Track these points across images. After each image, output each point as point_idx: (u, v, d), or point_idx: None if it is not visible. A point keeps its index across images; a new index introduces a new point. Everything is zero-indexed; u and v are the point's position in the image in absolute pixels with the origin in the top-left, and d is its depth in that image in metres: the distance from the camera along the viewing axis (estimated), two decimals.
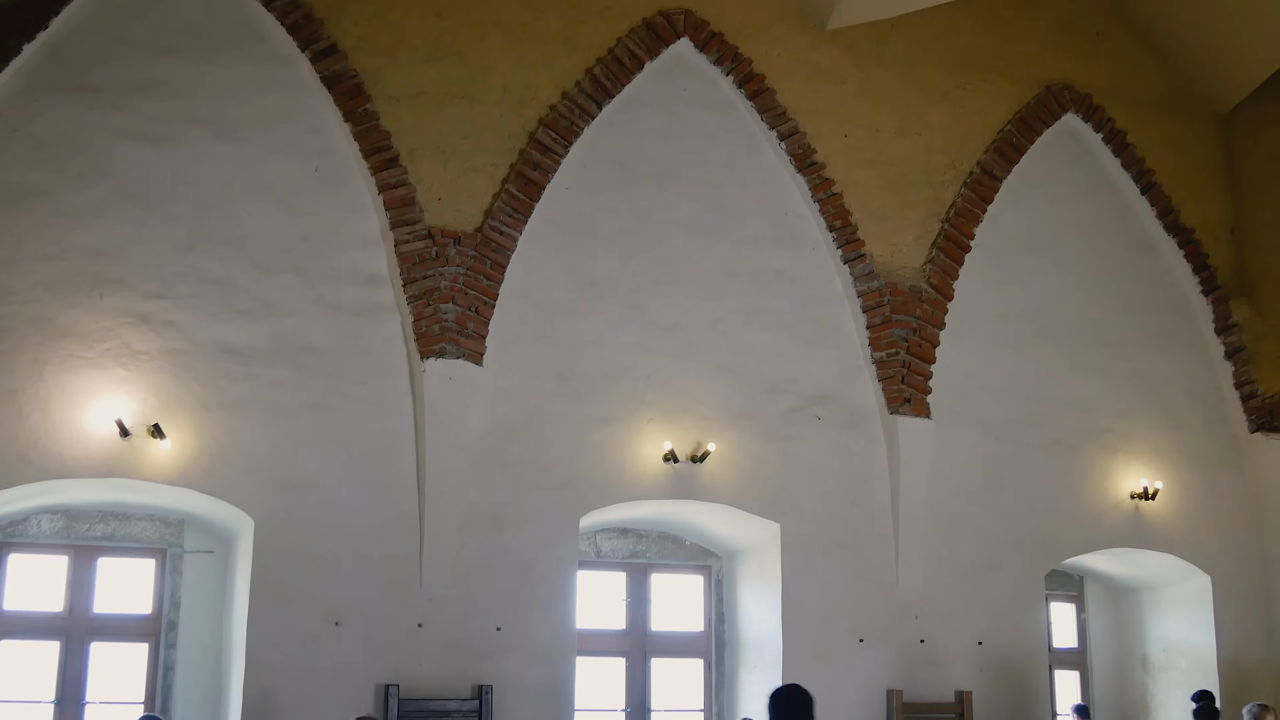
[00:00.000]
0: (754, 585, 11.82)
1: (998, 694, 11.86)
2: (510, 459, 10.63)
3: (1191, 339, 13.55)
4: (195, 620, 10.75)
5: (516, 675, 10.36)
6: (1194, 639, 13.28)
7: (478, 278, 10.57)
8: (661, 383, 11.25)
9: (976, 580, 12.03)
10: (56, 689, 10.47)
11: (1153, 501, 12.88)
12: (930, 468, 11.90)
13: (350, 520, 10.13)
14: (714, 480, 11.25)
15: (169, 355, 9.94)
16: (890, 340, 11.90)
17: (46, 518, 10.63)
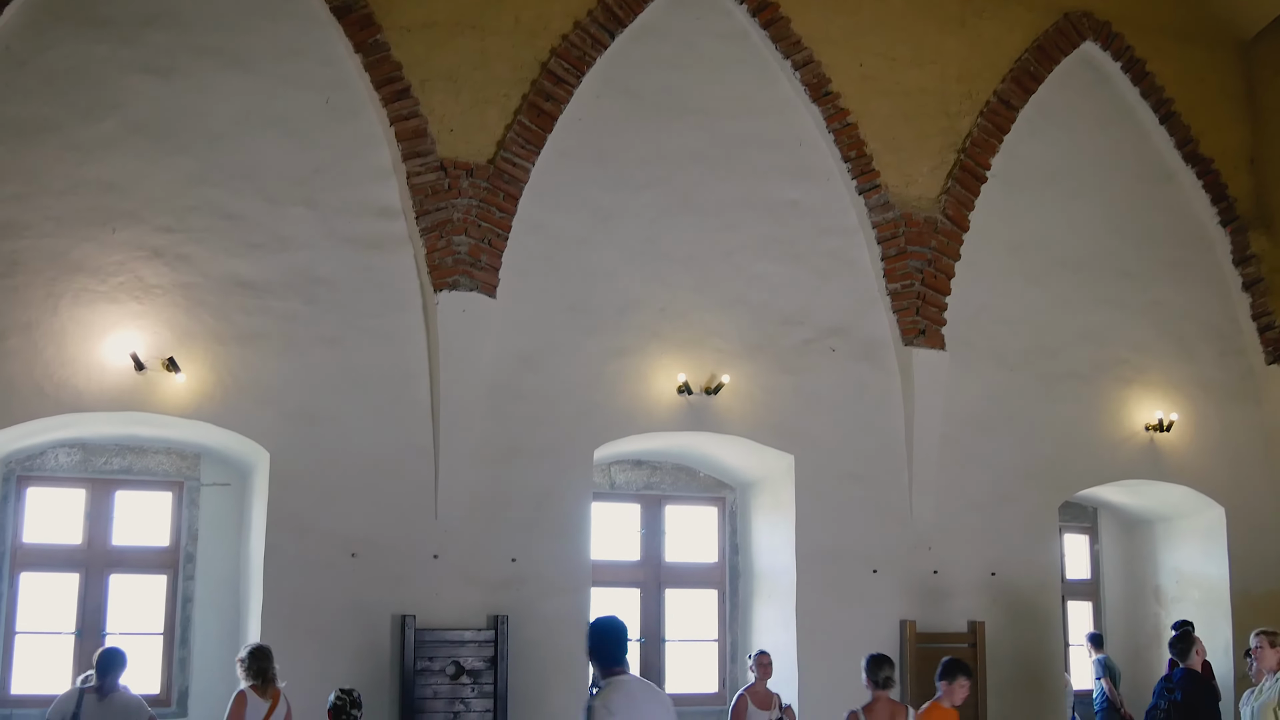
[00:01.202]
0: (768, 517, 11.86)
1: (1010, 624, 11.92)
2: (524, 391, 10.64)
3: (1209, 270, 13.47)
4: (213, 552, 10.84)
5: (532, 606, 10.44)
6: (1207, 570, 13.31)
7: (490, 210, 10.52)
8: (675, 314, 11.23)
9: (990, 512, 12.05)
10: (77, 620, 10.59)
11: (1167, 433, 12.86)
12: (944, 400, 11.89)
13: (365, 452, 10.17)
14: (728, 412, 11.25)
15: (182, 289, 9.93)
16: (905, 272, 11.84)
17: (64, 451, 10.70)
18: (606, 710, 5.89)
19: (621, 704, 5.95)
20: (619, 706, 5.93)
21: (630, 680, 6.13)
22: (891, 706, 8.05)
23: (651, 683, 6.54)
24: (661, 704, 6.20)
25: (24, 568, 10.55)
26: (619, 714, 5.88)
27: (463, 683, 10.13)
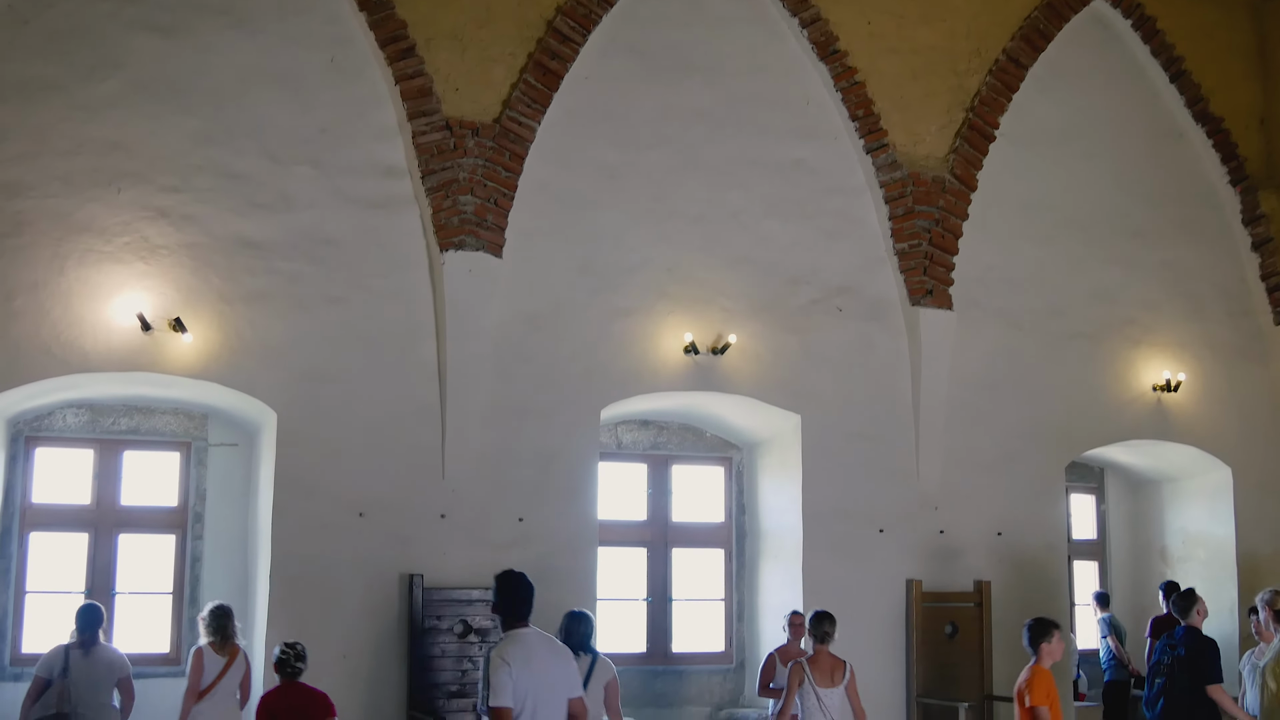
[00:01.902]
0: (774, 476, 11.87)
1: (1016, 584, 11.94)
2: (531, 351, 10.63)
3: (1218, 230, 13.41)
4: (221, 512, 10.88)
5: (539, 565, 10.39)
6: (1213, 531, 13.32)
7: (496, 169, 10.47)
8: (682, 274, 11.20)
9: (996, 471, 12.06)
10: (86, 580, 10.65)
11: (1175, 393, 12.84)
12: (951, 359, 11.87)
13: (372, 412, 10.18)
14: (735, 372, 11.24)
15: (188, 249, 9.92)
16: (912, 231, 11.80)
17: (71, 412, 10.72)
18: (503, 661, 6.09)
19: (518, 656, 6.14)
20: (515, 658, 6.12)
21: (530, 634, 6.32)
22: (832, 659, 8.74)
23: (553, 637, 6.70)
24: (560, 658, 6.40)
25: (33, 528, 10.60)
26: (515, 665, 6.08)
27: (470, 641, 10.17)
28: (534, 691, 6.11)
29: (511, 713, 6.03)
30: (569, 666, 6.40)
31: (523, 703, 6.07)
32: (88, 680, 8.62)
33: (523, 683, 6.08)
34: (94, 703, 8.61)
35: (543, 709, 6.13)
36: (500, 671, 6.05)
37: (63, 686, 8.51)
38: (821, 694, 8.56)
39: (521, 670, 6.09)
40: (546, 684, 6.18)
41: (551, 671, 6.25)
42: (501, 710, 6.01)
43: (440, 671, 10.06)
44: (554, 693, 6.22)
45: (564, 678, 6.33)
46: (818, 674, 8.65)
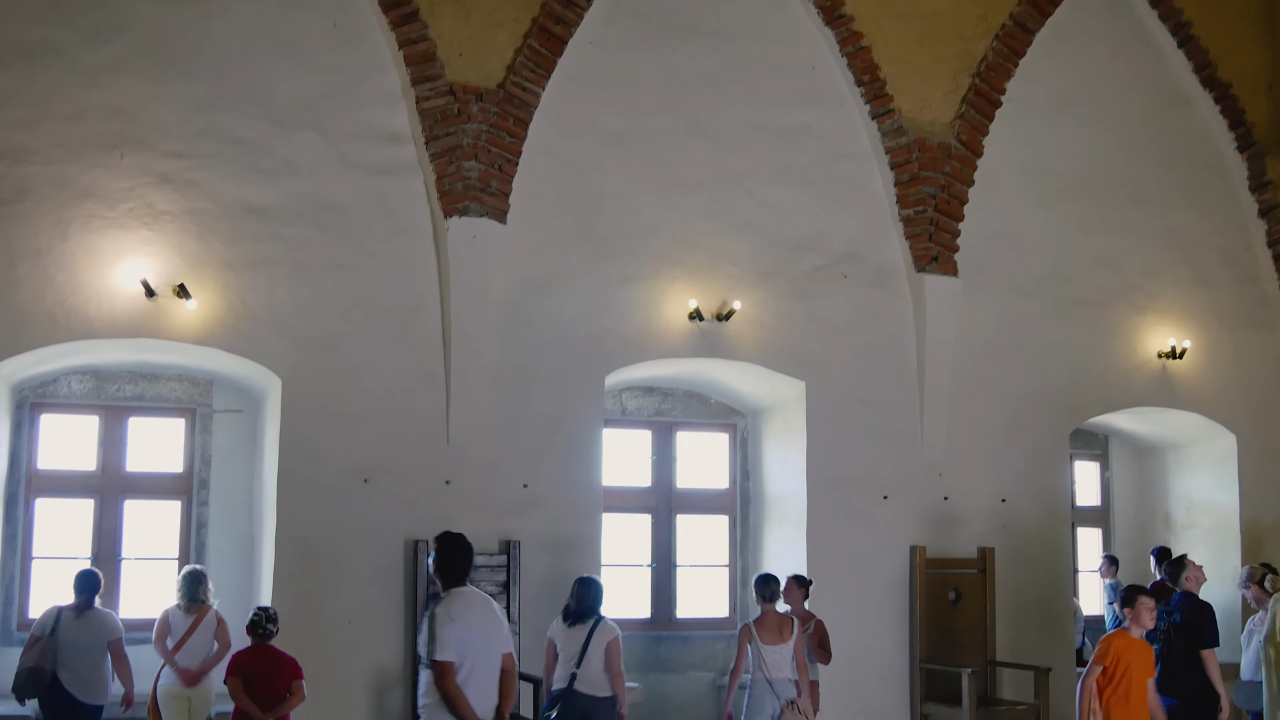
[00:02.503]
0: (779, 443, 11.88)
1: (1020, 551, 11.97)
2: (535, 317, 10.62)
3: (1224, 196, 13.36)
4: (226, 478, 10.89)
5: (544, 531, 10.49)
6: (1217, 498, 13.34)
7: (500, 134, 10.43)
8: (687, 240, 11.17)
9: (1001, 438, 12.06)
10: (92, 545, 10.68)
11: (1180, 361, 12.83)
12: (956, 326, 11.85)
13: (377, 379, 10.18)
14: (739, 338, 11.23)
15: (192, 215, 9.90)
16: (918, 197, 11.75)
17: (76, 378, 10.72)
18: (448, 617, 6.50)
19: (460, 612, 6.56)
20: (458, 614, 6.54)
21: (469, 593, 6.76)
22: (779, 617, 9.31)
23: (489, 596, 7.00)
24: (495, 616, 6.79)
25: (39, 494, 10.62)
26: (458, 620, 6.49)
27: None
28: (472, 647, 6.51)
29: (455, 666, 6.42)
30: (502, 625, 6.80)
31: (463, 657, 6.47)
32: (77, 641, 8.82)
33: (463, 639, 6.49)
34: (83, 661, 8.80)
35: (479, 663, 6.53)
36: (446, 627, 6.45)
37: (49, 644, 8.74)
38: (766, 650, 9.14)
39: (462, 627, 6.50)
40: (482, 640, 6.59)
41: (487, 629, 6.65)
42: (445, 664, 6.41)
43: None
44: (489, 648, 6.63)
45: (498, 635, 6.73)
46: (764, 633, 9.20)
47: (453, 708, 6.39)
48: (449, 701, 6.40)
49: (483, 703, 6.51)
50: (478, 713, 6.44)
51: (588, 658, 8.88)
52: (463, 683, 6.43)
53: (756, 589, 9.52)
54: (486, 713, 6.53)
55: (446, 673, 6.38)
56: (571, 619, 9.08)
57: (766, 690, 9.21)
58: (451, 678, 6.40)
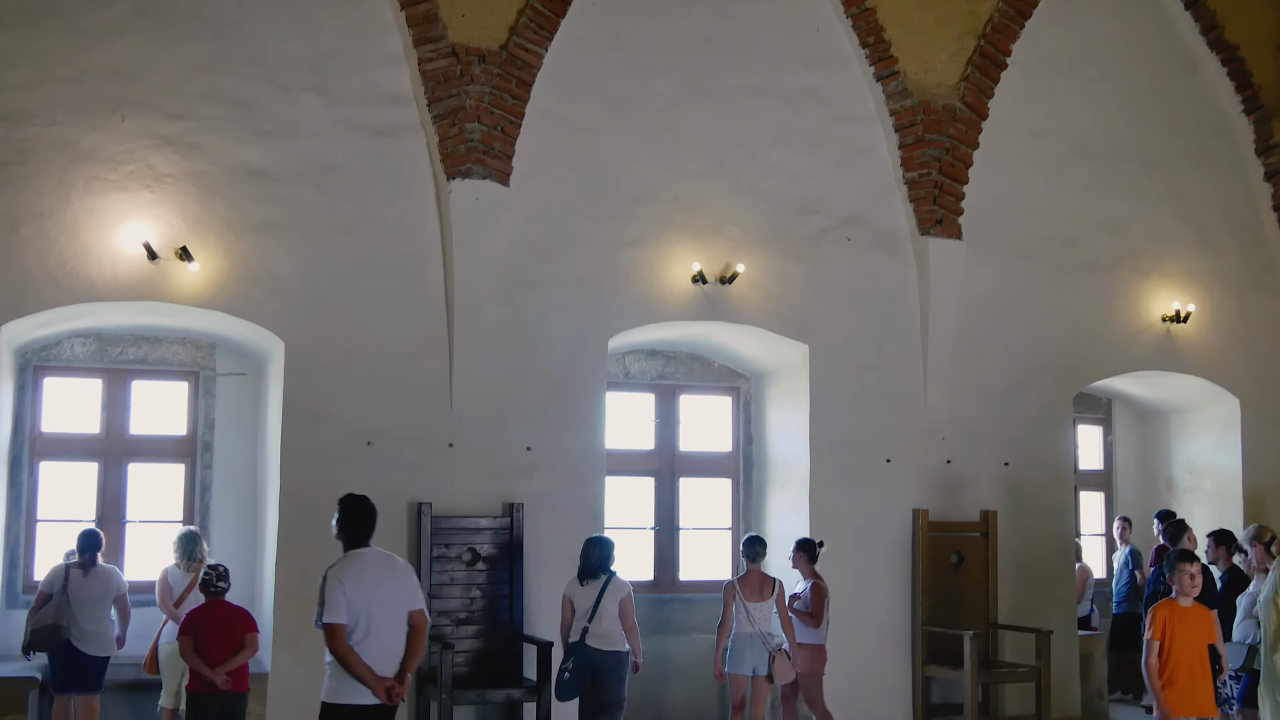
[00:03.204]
0: (782, 406, 11.88)
1: (1022, 514, 11.99)
2: (538, 280, 10.60)
3: (1230, 160, 13.31)
4: (229, 441, 10.91)
5: (547, 494, 10.51)
6: (1220, 462, 13.35)
7: (503, 96, 10.37)
8: (690, 203, 11.14)
9: (1004, 402, 12.06)
10: (97, 508, 10.72)
11: (1184, 324, 12.81)
12: (960, 289, 11.83)
13: (380, 341, 10.18)
14: (742, 301, 11.21)
15: (194, 177, 9.87)
16: (922, 160, 11.70)
17: (79, 341, 10.72)
18: (337, 580, 6.53)
19: (352, 574, 6.57)
20: (349, 577, 6.55)
21: (368, 553, 6.74)
22: (761, 577, 9.63)
23: (394, 555, 7.02)
24: (398, 574, 6.77)
25: (43, 457, 10.64)
26: (348, 583, 6.50)
27: (479, 569, 10.24)
28: (369, 606, 6.52)
29: (345, 628, 6.46)
30: (407, 582, 6.78)
31: (358, 618, 6.49)
32: (86, 597, 9.06)
33: (358, 599, 6.50)
34: (91, 617, 9.04)
35: (379, 622, 6.53)
36: (334, 590, 6.49)
37: (62, 601, 8.98)
38: (750, 607, 9.47)
39: (356, 588, 6.51)
40: (382, 599, 6.57)
41: (388, 587, 6.63)
42: (334, 626, 6.46)
43: (449, 599, 10.13)
44: (391, 607, 6.61)
45: (402, 592, 6.70)
46: (747, 590, 9.54)
47: (346, 667, 6.47)
48: (341, 662, 6.49)
49: (385, 660, 6.56)
50: (380, 670, 6.51)
51: (599, 613, 9.16)
52: (360, 642, 6.49)
53: (744, 549, 9.88)
54: (389, 669, 6.57)
55: (335, 634, 6.46)
56: (584, 577, 9.33)
57: (748, 644, 9.50)
58: (341, 639, 6.46)
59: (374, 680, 6.46)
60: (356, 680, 6.48)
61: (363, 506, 6.85)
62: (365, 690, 6.49)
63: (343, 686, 6.51)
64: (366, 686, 6.47)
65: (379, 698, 6.50)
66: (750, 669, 9.49)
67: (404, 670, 6.63)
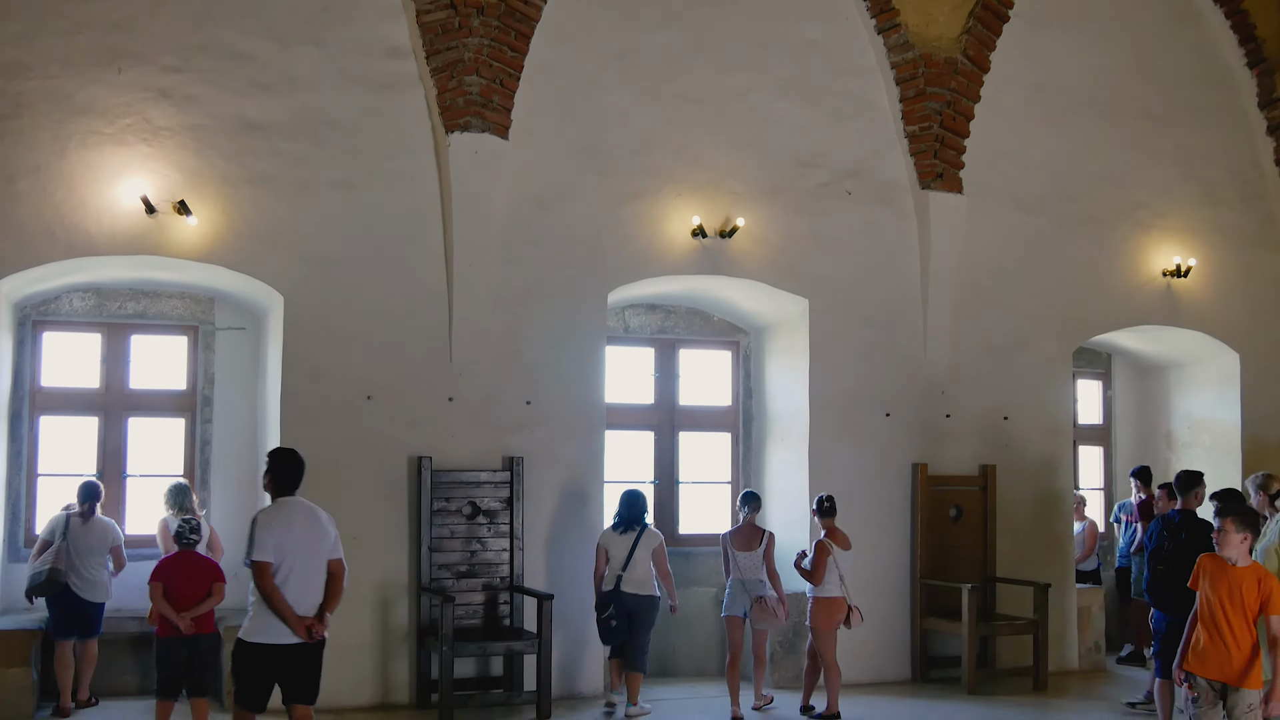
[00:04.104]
0: (782, 360, 11.87)
1: (1022, 468, 12.01)
2: (538, 234, 10.57)
3: (1233, 113, 13.25)
4: (229, 395, 10.92)
5: (547, 448, 10.52)
6: (1219, 416, 13.36)
7: (502, 49, 10.29)
8: (690, 157, 11.09)
9: (1004, 356, 12.06)
10: (97, 463, 10.74)
11: (1185, 279, 12.79)
12: (961, 244, 11.80)
13: (379, 296, 10.16)
14: (743, 255, 11.18)
15: (191, 131, 9.82)
16: (924, 113, 11.63)
17: (78, 296, 10.70)
18: (267, 523, 7.04)
19: (279, 520, 7.06)
20: (276, 521, 7.04)
21: (294, 502, 7.22)
22: (752, 529, 10.07)
23: (318, 507, 7.39)
24: (319, 524, 7.19)
25: (43, 411, 10.65)
26: (275, 527, 7.00)
27: (479, 523, 10.27)
28: (291, 550, 6.98)
29: (271, 566, 6.92)
30: (328, 532, 7.22)
31: (281, 559, 6.95)
32: (84, 545, 9.42)
33: (283, 543, 6.98)
34: (90, 563, 9.41)
35: (298, 565, 6.99)
36: (263, 532, 6.99)
37: (61, 547, 9.34)
38: (739, 556, 9.98)
39: (282, 532, 6.99)
40: (303, 545, 7.04)
41: (310, 535, 7.09)
42: (262, 564, 6.93)
43: (449, 553, 10.17)
44: (311, 553, 7.07)
45: (322, 541, 7.16)
46: (737, 540, 10.04)
47: (270, 603, 6.90)
48: (266, 598, 6.91)
49: (304, 601, 6.99)
50: (299, 610, 6.94)
51: (633, 561, 9.73)
52: (282, 582, 6.92)
53: (741, 502, 10.25)
54: (308, 609, 7.00)
55: (262, 572, 6.91)
56: (622, 527, 9.86)
57: (740, 589, 9.99)
58: (268, 577, 6.90)
59: (295, 618, 6.91)
60: (278, 618, 6.91)
61: (289, 459, 7.33)
62: (283, 631, 6.93)
63: (263, 625, 6.95)
64: (287, 624, 6.90)
65: (299, 635, 6.93)
66: (741, 612, 9.98)
67: (323, 611, 7.08)
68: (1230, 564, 6.85)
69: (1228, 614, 6.79)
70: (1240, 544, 6.83)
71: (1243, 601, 6.75)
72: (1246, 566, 6.84)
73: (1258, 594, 6.73)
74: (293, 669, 7.04)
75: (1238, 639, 6.76)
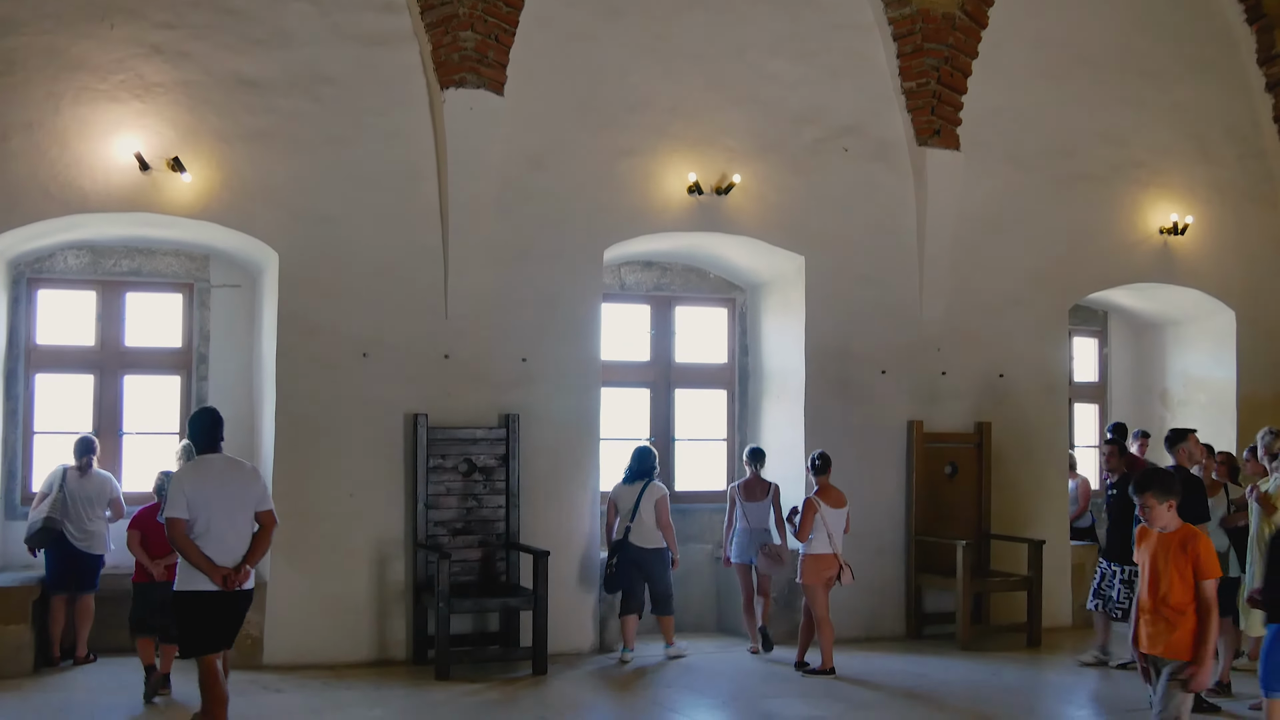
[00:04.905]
0: (778, 317, 11.87)
1: (1017, 425, 12.03)
2: (533, 190, 10.54)
3: (1232, 70, 13.20)
4: (225, 353, 10.91)
5: (542, 405, 10.54)
6: (1215, 374, 13.39)
7: (497, 4, 10.19)
8: (686, 113, 11.04)
9: (1000, 313, 12.06)
10: (93, 420, 10.75)
11: (1182, 236, 12.78)
12: (957, 201, 11.77)
13: (374, 253, 10.14)
14: (739, 212, 11.16)
15: (184, 87, 9.77)
16: (921, 70, 11.57)
17: (72, 253, 10.68)
18: (179, 481, 7.29)
19: (194, 476, 7.30)
20: (189, 479, 7.27)
21: (213, 458, 7.44)
22: (760, 481, 10.73)
23: (242, 461, 7.74)
24: (241, 477, 7.41)
25: (39, 369, 10.65)
26: (188, 483, 7.22)
27: (475, 480, 10.30)
28: (209, 505, 7.17)
29: (184, 522, 7.14)
30: (252, 485, 7.42)
31: (198, 514, 7.16)
32: (82, 495, 9.61)
33: (197, 498, 7.18)
34: (88, 514, 9.59)
35: (217, 518, 7.18)
36: (175, 490, 7.24)
37: (58, 498, 9.52)
38: (747, 506, 10.66)
39: (196, 488, 7.21)
40: (223, 499, 7.22)
41: (229, 490, 7.28)
42: (173, 520, 7.16)
43: (445, 509, 10.21)
44: (232, 506, 7.26)
45: (245, 493, 7.35)
46: (746, 492, 10.74)
47: (184, 557, 7.16)
48: (180, 552, 7.19)
49: (225, 552, 7.18)
50: (223, 561, 7.15)
51: (639, 514, 10.22)
52: (201, 534, 7.14)
53: (746, 458, 10.91)
54: (229, 560, 7.17)
55: (174, 527, 7.16)
56: (630, 479, 10.38)
57: (748, 538, 10.65)
58: (179, 530, 7.14)
59: (210, 568, 7.11)
60: (197, 569, 7.15)
61: (204, 418, 7.56)
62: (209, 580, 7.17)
63: (190, 576, 7.18)
64: (204, 573, 7.11)
65: (216, 584, 7.12)
66: (750, 560, 10.64)
67: (243, 561, 7.23)
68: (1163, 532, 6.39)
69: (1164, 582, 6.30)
70: (1167, 512, 6.37)
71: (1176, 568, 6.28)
72: (1175, 531, 6.38)
73: (1186, 558, 6.27)
74: (227, 616, 7.28)
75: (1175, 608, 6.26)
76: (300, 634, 9.80)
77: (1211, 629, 6.23)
